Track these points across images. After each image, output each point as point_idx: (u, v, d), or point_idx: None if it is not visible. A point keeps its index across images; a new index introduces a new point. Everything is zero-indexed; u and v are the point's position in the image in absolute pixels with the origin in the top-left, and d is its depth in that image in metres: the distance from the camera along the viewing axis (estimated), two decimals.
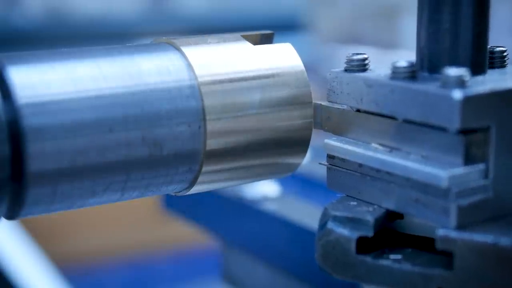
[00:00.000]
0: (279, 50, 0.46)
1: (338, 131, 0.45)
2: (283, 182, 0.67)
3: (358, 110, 0.44)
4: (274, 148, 0.45)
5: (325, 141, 0.45)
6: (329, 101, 0.45)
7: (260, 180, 0.49)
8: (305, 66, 0.46)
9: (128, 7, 2.91)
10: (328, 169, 0.45)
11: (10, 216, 0.39)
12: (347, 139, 0.44)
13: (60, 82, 0.39)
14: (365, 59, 0.44)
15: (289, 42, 0.47)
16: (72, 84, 0.39)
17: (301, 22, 2.71)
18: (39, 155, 0.37)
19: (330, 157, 0.45)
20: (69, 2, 2.84)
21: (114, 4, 2.89)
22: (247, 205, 0.66)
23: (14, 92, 0.37)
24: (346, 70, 0.44)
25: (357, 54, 0.44)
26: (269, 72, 0.45)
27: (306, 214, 0.60)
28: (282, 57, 0.46)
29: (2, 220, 0.39)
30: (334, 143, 0.45)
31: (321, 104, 0.46)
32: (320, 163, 0.46)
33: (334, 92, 0.45)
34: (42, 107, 0.38)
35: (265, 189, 0.66)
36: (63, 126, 0.38)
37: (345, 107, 0.45)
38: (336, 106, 0.45)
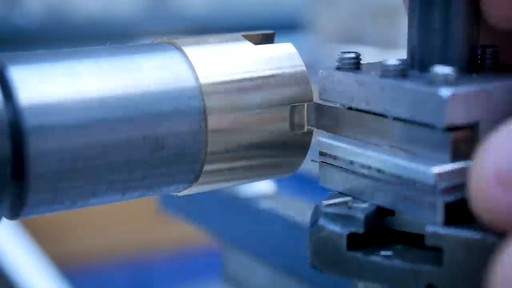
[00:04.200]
0: (280, 50, 0.46)
1: (330, 128, 0.45)
2: (279, 180, 0.67)
3: (349, 108, 0.44)
4: (275, 148, 0.45)
5: (317, 138, 0.45)
6: (321, 99, 0.46)
7: (261, 180, 0.49)
8: (306, 65, 0.46)
9: (129, 7, 2.91)
10: (320, 166, 0.45)
11: (12, 216, 0.39)
12: (339, 136, 0.45)
13: (62, 82, 0.39)
14: (357, 57, 0.44)
15: (290, 42, 0.47)
16: (73, 84, 0.39)
17: (302, 22, 2.71)
18: (41, 155, 0.37)
19: (322, 154, 0.45)
20: (70, 2, 2.84)
21: (114, 4, 2.89)
22: (244, 203, 0.66)
23: (15, 92, 0.37)
24: (337, 69, 0.44)
25: (349, 52, 0.44)
26: (271, 72, 0.45)
27: (305, 212, 0.60)
28: (283, 57, 0.46)
29: (2, 220, 0.39)
30: (325, 140, 0.45)
31: (313, 102, 0.46)
32: (312, 160, 0.46)
33: (325, 90, 0.45)
34: (43, 107, 0.38)
35: (261, 187, 0.66)
36: (64, 126, 0.38)
37: (337, 105, 0.45)
38: (328, 104, 0.45)
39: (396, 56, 0.44)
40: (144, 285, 2.09)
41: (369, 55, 0.46)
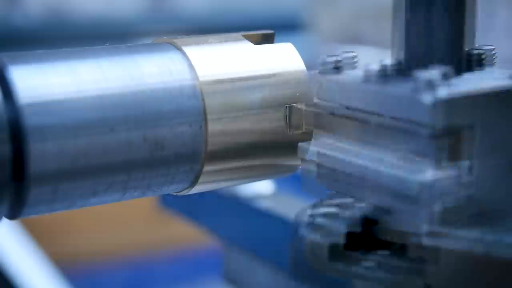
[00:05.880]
0: (280, 49, 0.46)
1: (312, 133, 0.44)
2: (279, 180, 0.67)
3: (332, 113, 0.43)
4: (275, 148, 0.45)
5: (300, 144, 0.44)
6: (304, 104, 0.45)
7: (260, 179, 0.49)
8: (306, 65, 0.46)
9: (129, 7, 2.91)
10: (302, 172, 0.44)
11: (11, 215, 0.39)
12: (322, 142, 0.43)
13: (62, 82, 0.39)
14: (340, 60, 0.43)
15: (290, 42, 0.47)
16: (73, 84, 0.39)
17: (301, 22, 2.71)
18: (41, 155, 0.37)
19: (303, 160, 0.44)
20: (70, 2, 2.84)
21: (114, 4, 2.89)
22: (244, 203, 0.66)
23: (15, 91, 0.37)
24: (320, 72, 0.43)
25: (332, 56, 0.43)
26: (270, 72, 0.45)
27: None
28: (283, 57, 0.46)
29: (2, 219, 0.39)
30: (307, 146, 0.44)
31: (297, 106, 0.45)
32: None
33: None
34: (43, 106, 0.38)
35: (261, 187, 0.66)
36: (64, 126, 0.38)
37: (320, 110, 0.44)
38: (311, 109, 0.44)
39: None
40: (144, 285, 2.08)
41: (369, 55, 0.45)
